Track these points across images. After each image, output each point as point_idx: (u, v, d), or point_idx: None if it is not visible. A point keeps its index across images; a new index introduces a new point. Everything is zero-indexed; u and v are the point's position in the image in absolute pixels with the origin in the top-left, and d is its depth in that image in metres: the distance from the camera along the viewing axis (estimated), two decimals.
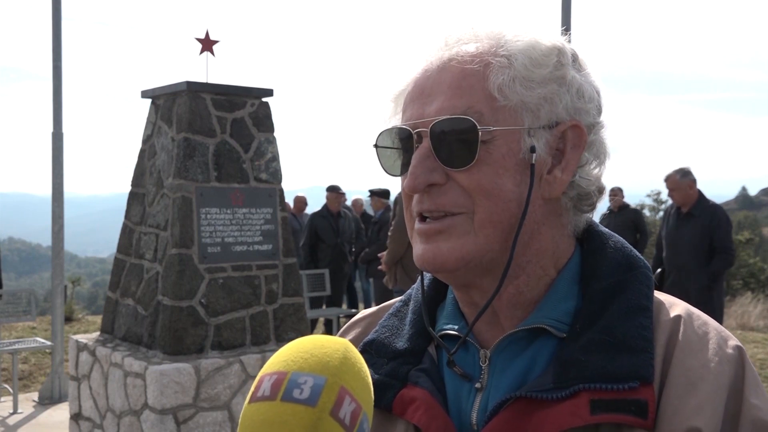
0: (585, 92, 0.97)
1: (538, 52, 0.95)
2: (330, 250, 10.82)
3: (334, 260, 10.85)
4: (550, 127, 0.96)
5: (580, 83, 0.97)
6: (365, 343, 1.09)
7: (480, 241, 0.95)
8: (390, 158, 1.02)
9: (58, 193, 8.25)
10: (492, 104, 0.94)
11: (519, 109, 0.94)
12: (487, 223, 0.94)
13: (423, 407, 0.98)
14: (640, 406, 0.88)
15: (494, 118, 0.93)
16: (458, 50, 0.97)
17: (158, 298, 5.58)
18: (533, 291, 1.00)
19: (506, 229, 0.95)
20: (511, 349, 0.99)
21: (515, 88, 0.94)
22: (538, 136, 0.95)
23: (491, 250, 0.95)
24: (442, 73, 0.96)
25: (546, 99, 0.95)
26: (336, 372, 0.80)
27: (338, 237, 10.96)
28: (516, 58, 0.94)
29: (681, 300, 1.01)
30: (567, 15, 7.71)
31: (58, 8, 8.19)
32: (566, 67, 0.96)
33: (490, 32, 0.99)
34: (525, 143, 0.94)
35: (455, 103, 0.94)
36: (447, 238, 0.95)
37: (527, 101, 0.94)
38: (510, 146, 0.94)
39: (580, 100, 0.97)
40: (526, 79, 0.94)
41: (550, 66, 0.95)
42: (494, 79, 0.94)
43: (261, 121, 6.01)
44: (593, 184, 1.00)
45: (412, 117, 0.98)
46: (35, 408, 7.77)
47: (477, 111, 0.93)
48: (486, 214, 0.94)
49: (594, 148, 0.99)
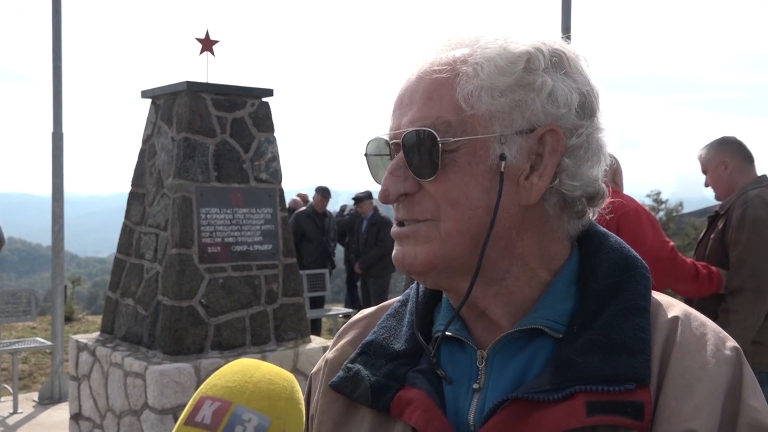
0: (559, 96, 0.95)
1: (504, 60, 0.95)
2: (315, 249, 11.05)
3: (320, 259, 11.09)
4: (525, 132, 0.95)
5: (553, 87, 0.95)
6: (364, 345, 1.10)
7: (446, 248, 0.96)
8: (377, 166, 1.04)
9: (58, 193, 8.26)
10: (460, 114, 0.95)
11: (488, 118, 0.94)
12: (454, 232, 0.95)
13: (420, 408, 0.98)
14: (637, 408, 0.88)
15: (462, 128, 0.94)
16: (435, 58, 0.99)
17: (158, 298, 5.58)
18: (524, 292, 1.00)
19: (475, 236, 0.95)
20: (508, 349, 0.99)
21: (481, 98, 0.94)
22: (510, 142, 0.95)
23: (460, 256, 0.96)
24: (418, 83, 0.98)
25: (515, 106, 0.95)
26: (281, 415, 0.78)
27: (324, 236, 11.22)
28: (482, 66, 0.95)
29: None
30: (567, 15, 7.71)
31: (59, 8, 8.19)
32: (535, 72, 0.95)
33: (467, 38, 0.99)
34: (495, 151, 0.94)
35: (425, 114, 0.96)
36: (415, 243, 0.98)
37: (495, 110, 0.94)
38: (477, 154, 0.94)
39: (552, 105, 0.95)
40: (492, 87, 0.94)
41: (516, 73, 0.94)
42: (460, 89, 0.95)
43: (261, 121, 6.01)
44: (578, 189, 0.98)
45: (392, 128, 1.00)
46: (35, 408, 7.77)
47: (445, 121, 0.94)
48: (451, 223, 0.95)
49: (579, 151, 0.98)
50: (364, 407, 1.05)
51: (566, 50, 0.99)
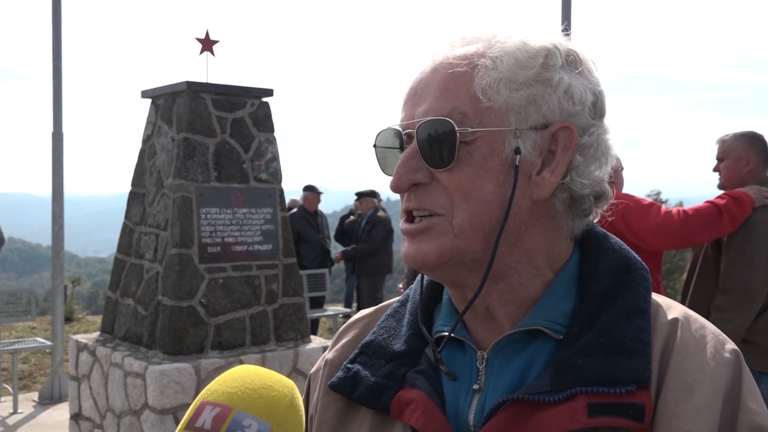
0: (574, 94, 0.97)
1: (524, 54, 0.95)
2: (313, 248, 10.99)
3: (319, 258, 11.03)
4: (540, 128, 0.96)
5: (569, 85, 0.96)
6: (363, 345, 1.10)
7: (459, 242, 0.96)
8: (386, 158, 1.04)
9: (58, 193, 8.26)
10: (476, 106, 0.95)
11: (504, 111, 0.95)
12: (467, 226, 0.95)
13: (420, 409, 0.98)
14: (637, 409, 0.88)
15: (478, 119, 0.95)
16: (451, 53, 0.99)
17: (158, 298, 5.58)
18: (528, 289, 1.00)
19: (487, 230, 0.95)
20: (509, 350, 0.99)
21: (499, 90, 0.95)
22: (525, 137, 0.95)
23: (472, 251, 0.96)
24: (434, 75, 0.98)
25: (531, 100, 0.95)
26: (282, 421, 0.78)
27: (319, 234, 11.17)
28: (502, 60, 0.95)
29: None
30: (567, 15, 7.71)
31: (58, 8, 8.19)
32: (554, 68, 0.96)
33: (483, 34, 1.00)
34: (510, 144, 0.95)
35: (441, 105, 0.96)
36: (428, 239, 0.97)
37: (512, 103, 0.95)
38: (493, 147, 0.95)
39: (568, 101, 0.96)
40: (510, 80, 0.95)
41: (535, 67, 0.95)
42: (479, 81, 0.95)
43: (261, 121, 6.01)
44: (587, 188, 0.99)
45: (405, 118, 1.00)
46: (35, 408, 7.77)
47: (461, 112, 0.95)
48: (465, 217, 0.95)
49: (589, 150, 0.99)
50: (363, 407, 1.04)
51: (578, 51, 1.00)
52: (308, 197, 11.32)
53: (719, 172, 4.03)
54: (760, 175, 3.92)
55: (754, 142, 3.95)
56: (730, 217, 3.75)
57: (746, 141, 3.94)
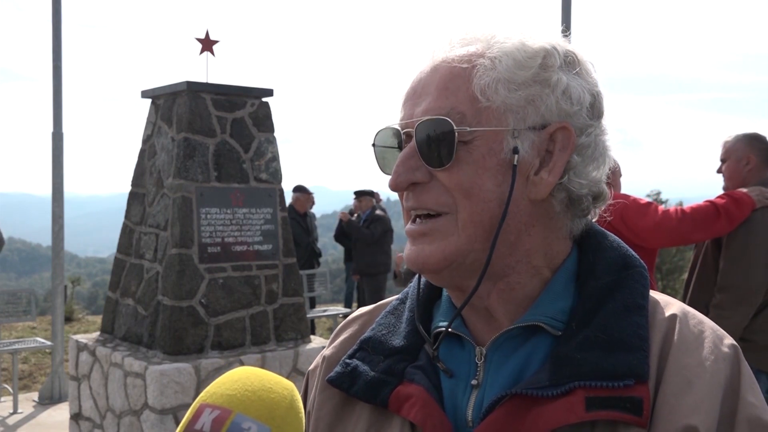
0: (572, 94, 0.97)
1: (523, 54, 0.96)
2: (303, 251, 10.78)
3: (308, 260, 10.89)
4: (538, 128, 0.96)
5: (567, 85, 0.97)
6: (362, 341, 1.10)
7: (462, 242, 0.96)
8: (385, 157, 1.04)
9: (58, 193, 8.26)
10: (475, 105, 0.95)
11: (503, 111, 0.96)
12: (469, 223, 0.96)
13: (419, 404, 0.98)
14: (635, 403, 0.88)
15: (476, 119, 0.95)
16: (450, 53, 0.99)
17: (158, 298, 5.59)
18: (526, 288, 1.00)
19: (487, 228, 0.96)
20: (507, 346, 0.99)
21: (498, 90, 0.95)
22: (523, 137, 0.96)
23: (473, 250, 0.97)
24: (433, 74, 0.99)
25: (530, 101, 0.96)
26: (281, 423, 0.78)
27: (309, 236, 11.01)
28: (500, 60, 0.96)
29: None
30: (567, 15, 7.71)
31: (58, 8, 8.20)
32: (552, 69, 0.97)
33: (482, 34, 1.00)
34: (508, 144, 0.95)
35: (440, 104, 0.96)
36: (431, 241, 0.98)
37: (510, 103, 0.95)
38: (491, 147, 0.95)
39: (566, 102, 0.97)
40: (509, 81, 0.95)
41: (534, 68, 0.96)
42: (477, 81, 0.95)
43: (261, 121, 6.02)
44: (585, 188, 0.99)
45: (404, 117, 1.01)
46: (35, 408, 7.77)
47: (459, 112, 0.95)
48: (467, 214, 0.96)
49: (587, 150, 0.99)
50: (361, 403, 1.05)
51: (577, 52, 1.01)
52: (299, 198, 11.03)
53: (723, 173, 4.06)
54: (761, 175, 3.96)
55: (754, 143, 3.99)
56: (728, 217, 3.76)
57: (746, 141, 3.99)
